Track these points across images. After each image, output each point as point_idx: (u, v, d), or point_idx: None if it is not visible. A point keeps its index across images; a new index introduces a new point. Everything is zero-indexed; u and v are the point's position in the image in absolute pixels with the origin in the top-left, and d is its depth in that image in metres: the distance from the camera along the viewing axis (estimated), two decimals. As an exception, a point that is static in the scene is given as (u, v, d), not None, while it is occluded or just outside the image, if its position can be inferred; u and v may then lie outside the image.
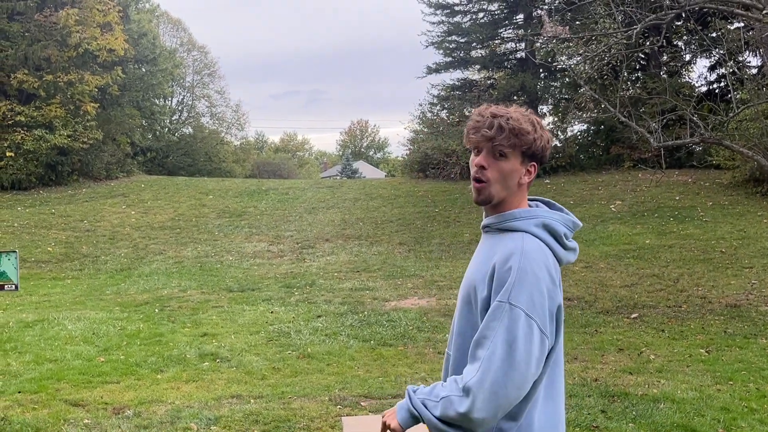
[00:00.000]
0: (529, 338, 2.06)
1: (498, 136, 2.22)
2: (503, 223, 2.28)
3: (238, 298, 12.03)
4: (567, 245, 2.29)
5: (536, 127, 2.26)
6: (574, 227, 2.35)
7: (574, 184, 22.85)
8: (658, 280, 12.18)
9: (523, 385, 2.07)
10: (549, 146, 2.31)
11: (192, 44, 53.07)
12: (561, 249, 2.26)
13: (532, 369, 2.07)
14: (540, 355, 2.09)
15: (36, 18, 25.39)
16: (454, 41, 28.80)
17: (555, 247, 2.25)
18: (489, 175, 2.26)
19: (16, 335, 9.31)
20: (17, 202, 22.93)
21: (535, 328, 2.07)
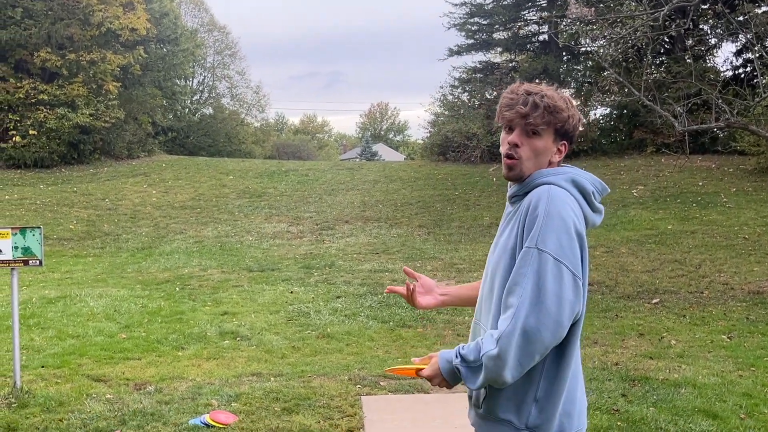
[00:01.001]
0: (560, 281, 2.03)
1: (533, 113, 2.21)
2: (533, 182, 2.24)
3: (258, 277, 12.08)
4: (595, 205, 2.25)
5: (568, 105, 2.26)
6: (603, 190, 2.32)
7: (595, 169, 22.68)
8: (679, 265, 12.08)
9: (558, 330, 2.04)
10: (580, 125, 2.30)
11: (213, 24, 53.08)
12: (588, 207, 2.22)
13: (566, 312, 2.04)
14: (574, 297, 2.05)
15: (59, -4, 25.49)
16: (477, 23, 28.57)
17: (582, 203, 2.21)
18: (521, 152, 2.27)
19: (39, 311, 9.41)
20: (40, 180, 23.12)
21: (565, 270, 2.05)
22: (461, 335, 8.24)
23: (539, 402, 2.14)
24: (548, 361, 2.13)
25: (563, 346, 2.13)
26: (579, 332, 2.17)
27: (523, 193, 2.26)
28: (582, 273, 2.11)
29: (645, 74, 12.98)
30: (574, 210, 2.13)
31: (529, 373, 2.12)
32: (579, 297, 2.07)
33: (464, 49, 28.70)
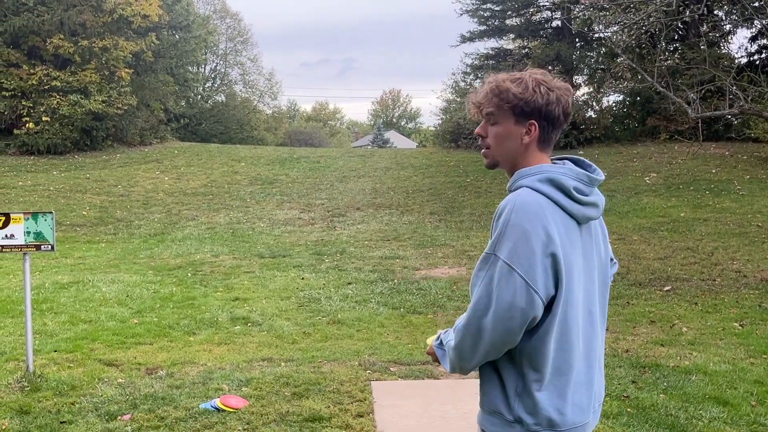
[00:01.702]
0: (510, 287, 2.07)
1: (483, 101, 2.29)
2: (513, 184, 2.27)
3: (269, 264, 12.11)
4: (578, 199, 2.20)
5: (529, 84, 2.22)
6: (590, 181, 2.28)
7: (608, 156, 22.58)
8: (692, 253, 12.03)
9: (507, 335, 2.10)
10: (554, 103, 2.24)
11: (225, 11, 53.05)
12: (570, 202, 2.19)
13: (517, 318, 2.07)
14: (526, 305, 2.07)
15: (71, -17, 25.53)
16: (489, 9, 28.41)
17: (562, 200, 2.18)
18: (488, 142, 2.34)
19: (52, 296, 9.48)
20: (53, 166, 23.23)
21: (517, 277, 2.07)
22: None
23: (520, 396, 2.18)
24: (524, 360, 2.17)
25: (538, 347, 2.15)
26: (557, 335, 2.16)
27: (509, 191, 2.29)
28: (558, 276, 2.12)
29: (658, 60, 12.88)
30: (541, 218, 2.11)
31: (514, 368, 2.19)
32: (533, 304, 2.08)
33: (476, 35, 28.57)
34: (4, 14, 24.92)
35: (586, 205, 2.23)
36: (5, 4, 24.78)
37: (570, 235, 2.17)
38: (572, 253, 2.16)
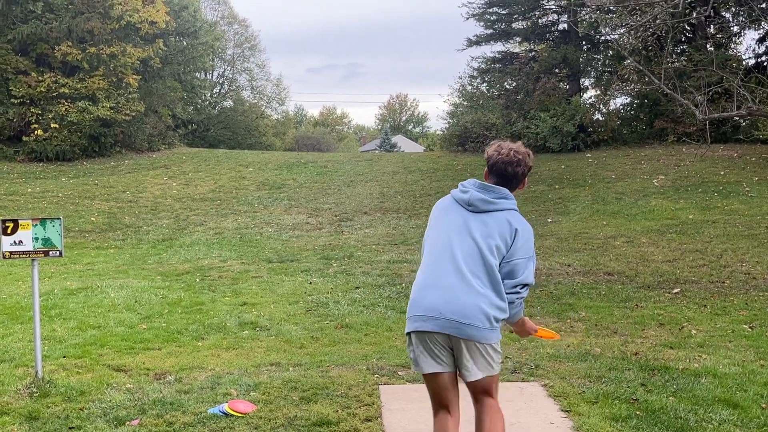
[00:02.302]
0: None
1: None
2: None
3: (277, 268, 12.12)
4: (459, 190, 3.83)
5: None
6: (468, 184, 3.85)
7: (616, 159, 22.54)
8: (701, 255, 11.98)
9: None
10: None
11: (233, 17, 53.18)
12: (457, 192, 3.84)
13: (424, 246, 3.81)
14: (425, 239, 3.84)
15: (79, -10, 25.65)
16: (495, 13, 28.41)
17: (454, 192, 3.85)
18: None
19: (61, 302, 9.50)
20: (61, 172, 23.33)
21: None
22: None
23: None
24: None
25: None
26: (426, 250, 3.77)
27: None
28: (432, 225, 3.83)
29: (665, 62, 12.85)
30: (440, 203, 3.92)
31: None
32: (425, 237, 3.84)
33: (483, 39, 28.56)
34: (13, 22, 25.06)
35: (463, 192, 3.78)
36: (13, 12, 24.92)
37: (449, 208, 3.80)
38: (445, 215, 3.78)
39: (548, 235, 14.56)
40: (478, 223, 3.62)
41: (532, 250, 3.67)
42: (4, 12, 24.86)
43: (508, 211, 3.68)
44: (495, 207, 3.65)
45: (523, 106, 26.33)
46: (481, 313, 3.45)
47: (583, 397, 5.56)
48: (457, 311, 3.44)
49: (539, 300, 9.42)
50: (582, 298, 9.56)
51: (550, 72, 27.22)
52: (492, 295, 3.51)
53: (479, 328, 3.44)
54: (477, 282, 3.49)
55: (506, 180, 3.77)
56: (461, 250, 3.56)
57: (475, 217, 3.64)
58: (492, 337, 3.51)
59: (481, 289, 3.49)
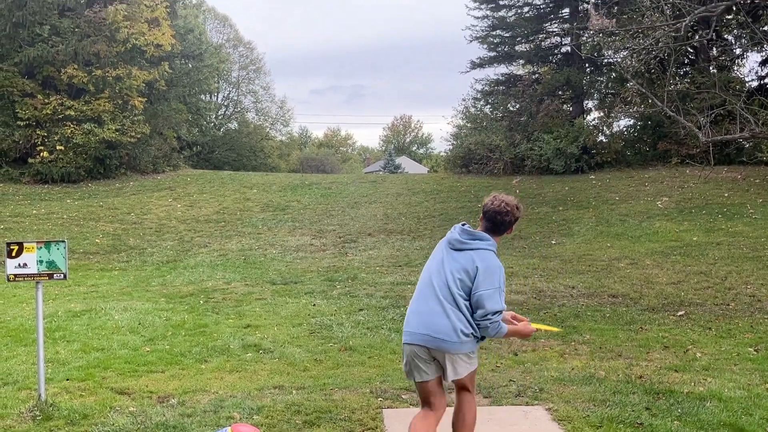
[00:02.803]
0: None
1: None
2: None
3: (281, 290, 12.12)
4: (449, 233, 4.75)
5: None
6: (453, 228, 4.77)
7: (619, 180, 22.56)
8: (705, 277, 11.96)
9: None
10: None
11: (238, 40, 53.55)
12: (448, 233, 4.75)
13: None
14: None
15: (86, 14, 25.85)
16: (499, 36, 28.57)
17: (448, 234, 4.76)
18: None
19: (65, 324, 9.50)
20: (67, 194, 23.40)
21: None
22: (483, 347, 8.20)
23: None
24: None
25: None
26: (418, 282, 4.69)
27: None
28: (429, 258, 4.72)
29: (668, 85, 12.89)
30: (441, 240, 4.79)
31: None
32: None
33: (486, 61, 28.69)
34: (20, 45, 25.26)
35: (448, 237, 4.69)
36: (20, 35, 25.12)
37: (440, 246, 4.70)
38: (436, 252, 4.69)
39: (552, 257, 14.55)
40: (450, 259, 4.53)
41: (498, 283, 4.40)
42: (11, 35, 25.07)
43: (477, 251, 4.50)
44: (467, 246, 4.53)
45: (526, 127, 26.38)
46: (450, 330, 4.36)
47: (588, 421, 5.54)
48: (432, 329, 4.40)
49: (543, 323, 9.40)
50: (586, 320, 9.53)
51: (554, 94, 27.31)
52: (457, 316, 4.39)
53: (448, 341, 4.37)
54: (448, 306, 4.41)
55: (495, 225, 4.69)
56: (437, 281, 4.50)
57: (452, 254, 4.56)
58: (461, 348, 4.40)
59: (450, 312, 4.39)
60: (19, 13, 24.64)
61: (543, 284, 12.03)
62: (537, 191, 22.26)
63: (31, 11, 24.83)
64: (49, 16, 25.41)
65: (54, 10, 25.51)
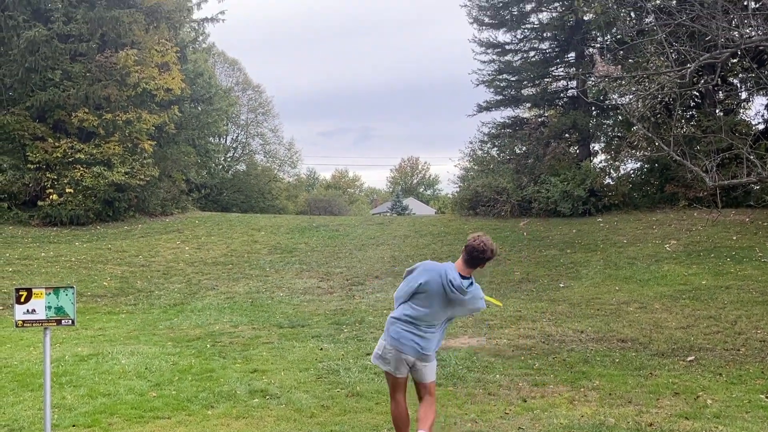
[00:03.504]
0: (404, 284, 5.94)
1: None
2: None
3: (288, 334, 12.09)
4: (450, 279, 5.81)
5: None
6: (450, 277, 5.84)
7: (627, 223, 22.53)
8: (715, 322, 11.88)
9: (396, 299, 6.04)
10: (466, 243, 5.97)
11: (247, 83, 54.15)
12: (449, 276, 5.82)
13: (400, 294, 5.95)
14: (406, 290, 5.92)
15: (97, 59, 26.20)
16: (505, 79, 28.79)
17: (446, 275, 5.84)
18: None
19: (72, 369, 9.49)
20: (75, 237, 23.49)
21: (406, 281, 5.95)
22: (492, 393, 8.15)
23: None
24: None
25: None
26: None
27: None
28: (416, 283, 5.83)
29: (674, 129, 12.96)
30: (434, 269, 5.88)
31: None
32: (408, 289, 5.87)
33: (493, 104, 28.89)
34: (31, 90, 25.58)
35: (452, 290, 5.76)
36: (32, 79, 25.45)
37: (438, 284, 5.78)
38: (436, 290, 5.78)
39: (560, 301, 14.49)
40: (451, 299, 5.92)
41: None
42: (24, 80, 25.41)
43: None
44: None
45: (533, 170, 26.47)
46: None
47: (598, 470, 5.47)
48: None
49: (552, 368, 9.34)
50: (596, 365, 9.46)
51: (560, 137, 27.45)
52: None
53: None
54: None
55: (472, 260, 5.86)
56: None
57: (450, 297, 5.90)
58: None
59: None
60: (32, 59, 25.00)
61: (552, 328, 11.97)
62: (545, 234, 22.25)
63: (44, 56, 25.19)
64: (61, 61, 25.76)
65: (66, 55, 25.88)
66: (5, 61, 25.42)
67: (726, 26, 10.24)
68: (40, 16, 25.88)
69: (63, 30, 25.52)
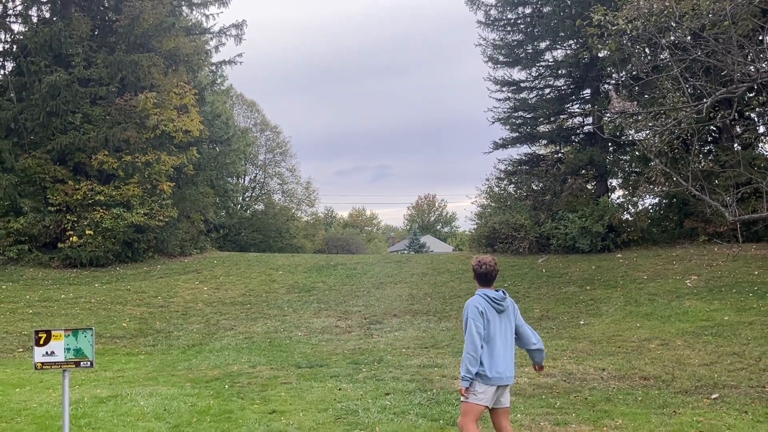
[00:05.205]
0: (470, 328, 6.32)
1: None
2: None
3: (307, 374, 12.03)
4: (492, 300, 6.48)
5: (474, 262, 6.81)
6: (495, 297, 6.52)
7: (647, 259, 22.36)
8: (738, 358, 11.70)
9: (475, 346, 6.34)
10: (475, 270, 6.78)
11: (265, 124, 54.67)
12: (490, 301, 6.46)
13: (475, 337, 6.27)
14: (476, 332, 6.30)
15: (117, 102, 26.59)
16: (521, 117, 28.88)
17: (486, 300, 6.47)
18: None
19: (91, 411, 9.47)
20: (95, 278, 23.62)
21: (472, 323, 6.33)
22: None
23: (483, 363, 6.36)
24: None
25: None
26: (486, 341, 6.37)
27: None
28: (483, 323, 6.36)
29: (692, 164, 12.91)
30: (478, 302, 6.42)
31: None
32: (480, 330, 6.30)
33: (509, 142, 28.95)
34: (53, 133, 25.94)
35: (494, 303, 6.46)
36: (53, 123, 25.82)
37: (490, 310, 6.41)
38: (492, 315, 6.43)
39: (581, 338, 14.35)
40: (506, 316, 6.66)
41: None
42: (45, 124, 25.79)
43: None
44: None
45: (551, 206, 26.41)
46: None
47: None
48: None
49: (574, 407, 9.22)
50: (618, 404, 9.33)
51: (577, 173, 27.41)
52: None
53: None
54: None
55: (489, 280, 6.72)
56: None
57: (503, 314, 6.63)
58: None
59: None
60: (53, 103, 25.41)
61: (572, 366, 11.83)
62: (563, 270, 22.11)
63: (65, 100, 25.59)
64: (81, 104, 26.16)
65: (86, 99, 26.28)
66: (27, 106, 25.84)
67: (741, 61, 10.25)
68: (61, 60, 26.35)
69: (83, 74, 25.97)
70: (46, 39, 25.81)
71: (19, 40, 27.23)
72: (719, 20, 10.61)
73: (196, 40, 30.49)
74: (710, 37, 10.68)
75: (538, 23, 27.18)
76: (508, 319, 6.48)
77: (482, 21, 28.81)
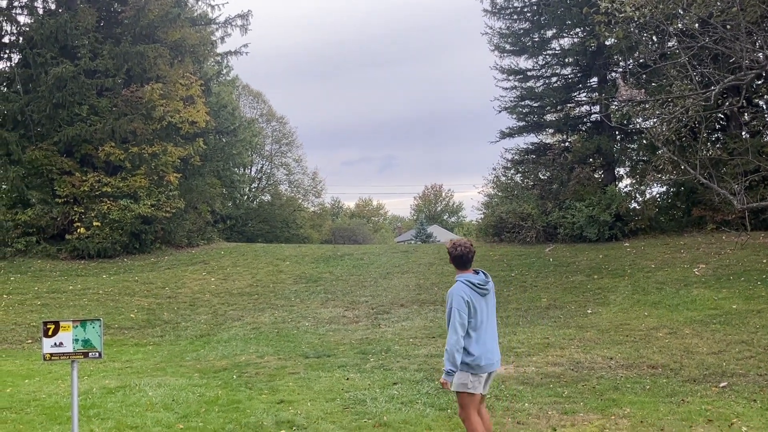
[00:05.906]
0: (455, 317, 6.29)
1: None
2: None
3: (314, 364, 12.05)
4: (476, 286, 6.43)
5: (451, 245, 6.70)
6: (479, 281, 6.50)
7: (654, 247, 22.29)
8: (747, 346, 11.67)
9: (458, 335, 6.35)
10: (451, 252, 6.71)
11: (271, 115, 54.61)
12: (473, 287, 6.40)
13: (459, 329, 6.27)
14: (460, 320, 6.28)
15: (123, 93, 26.60)
16: (528, 106, 28.75)
17: (469, 286, 6.42)
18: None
19: (99, 401, 9.51)
20: (102, 270, 23.69)
21: (456, 313, 6.29)
22: (521, 422, 8.04)
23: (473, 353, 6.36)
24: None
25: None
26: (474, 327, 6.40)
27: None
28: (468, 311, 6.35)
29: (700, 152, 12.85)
30: (463, 291, 6.33)
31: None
32: (464, 322, 6.27)
33: (516, 131, 28.82)
34: (59, 125, 25.98)
35: (483, 288, 6.46)
36: (60, 115, 25.86)
37: (475, 297, 6.39)
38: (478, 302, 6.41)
39: (589, 327, 14.33)
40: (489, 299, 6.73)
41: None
42: (51, 116, 25.82)
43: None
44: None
45: (558, 195, 26.33)
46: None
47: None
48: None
49: (582, 396, 9.21)
50: (626, 393, 9.32)
51: (584, 162, 27.30)
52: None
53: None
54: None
55: (465, 262, 6.66)
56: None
57: (488, 297, 6.70)
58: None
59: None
60: (59, 94, 25.44)
61: (580, 355, 11.82)
62: (571, 259, 22.07)
63: (71, 92, 25.61)
64: (87, 96, 26.18)
65: (92, 91, 26.29)
66: (34, 98, 25.88)
67: (750, 48, 10.17)
68: (67, 52, 26.36)
69: (90, 66, 25.98)
70: (52, 30, 25.82)
71: (25, 31, 27.25)
72: (727, 7, 10.53)
73: (202, 31, 30.46)
74: (718, 23, 10.60)
75: (545, 11, 27.03)
76: (492, 301, 6.56)
77: (488, 9, 28.65)
